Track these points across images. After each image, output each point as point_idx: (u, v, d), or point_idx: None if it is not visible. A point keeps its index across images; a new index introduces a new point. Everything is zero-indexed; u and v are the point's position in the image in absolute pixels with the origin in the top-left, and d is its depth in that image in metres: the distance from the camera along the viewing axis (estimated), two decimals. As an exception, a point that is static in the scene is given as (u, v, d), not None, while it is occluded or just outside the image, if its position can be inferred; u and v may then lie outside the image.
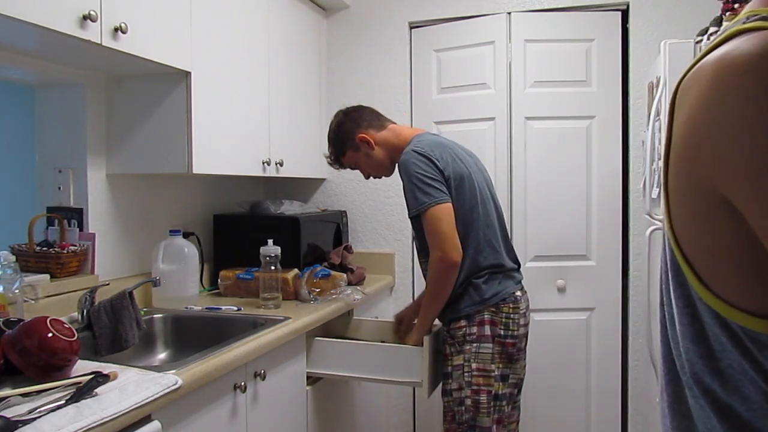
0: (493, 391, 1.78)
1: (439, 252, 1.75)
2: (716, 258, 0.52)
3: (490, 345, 1.79)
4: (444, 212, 1.76)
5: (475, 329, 1.80)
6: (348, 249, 2.66)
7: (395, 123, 2.06)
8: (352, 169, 2.10)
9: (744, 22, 0.49)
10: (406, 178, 1.80)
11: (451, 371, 1.82)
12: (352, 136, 1.99)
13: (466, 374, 1.79)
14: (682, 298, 0.55)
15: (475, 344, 1.79)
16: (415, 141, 1.89)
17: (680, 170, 0.52)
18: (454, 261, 1.75)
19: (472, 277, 1.81)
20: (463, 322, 1.81)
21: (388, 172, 2.06)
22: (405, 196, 1.84)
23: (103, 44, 1.53)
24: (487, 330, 1.79)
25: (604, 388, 2.58)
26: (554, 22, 2.58)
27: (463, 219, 1.81)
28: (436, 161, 1.79)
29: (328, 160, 2.10)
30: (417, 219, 1.81)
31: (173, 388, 1.26)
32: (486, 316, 1.80)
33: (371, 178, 2.10)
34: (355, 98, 2.88)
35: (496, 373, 1.78)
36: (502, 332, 1.80)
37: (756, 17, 0.49)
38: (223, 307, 2.06)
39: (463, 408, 1.79)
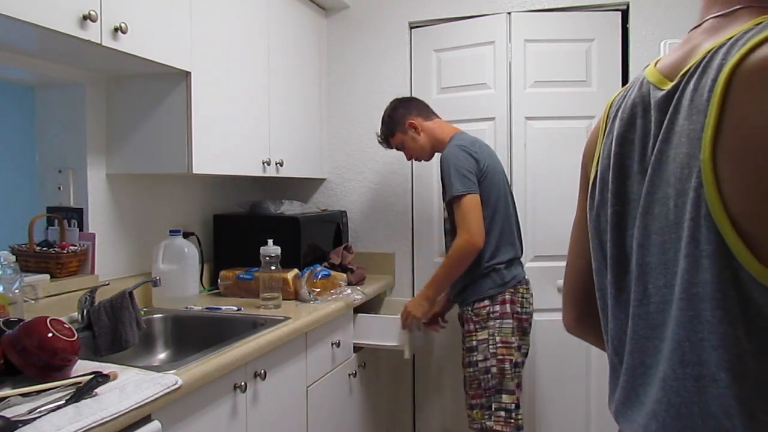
0: (514, 360, 2.08)
1: (467, 235, 2.02)
2: None
3: (511, 321, 2.09)
4: (476, 202, 2.05)
5: (498, 308, 2.10)
6: (348, 249, 2.66)
7: (440, 118, 2.35)
8: (398, 149, 2.38)
9: None
10: (447, 167, 2.08)
11: (476, 345, 2.11)
12: (402, 120, 2.29)
13: (491, 346, 2.08)
14: (723, 281, 0.58)
15: (498, 320, 2.09)
16: (457, 138, 2.19)
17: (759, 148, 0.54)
18: (478, 245, 2.03)
19: (494, 263, 2.10)
20: (486, 302, 2.11)
21: (428, 157, 2.36)
22: (443, 184, 2.13)
23: (103, 44, 1.53)
24: (508, 308, 2.10)
25: (604, 388, 2.56)
26: (554, 22, 2.58)
27: (492, 210, 2.10)
28: (475, 156, 2.09)
29: (379, 138, 2.41)
30: (451, 203, 2.09)
31: (173, 388, 1.26)
32: (507, 296, 2.10)
33: (413, 160, 2.40)
34: (355, 98, 2.89)
35: (516, 344, 2.09)
36: (519, 309, 2.11)
37: None
38: (223, 307, 2.06)
39: (489, 375, 2.08)
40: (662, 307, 0.67)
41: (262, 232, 2.24)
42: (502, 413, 2.06)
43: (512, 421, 2.06)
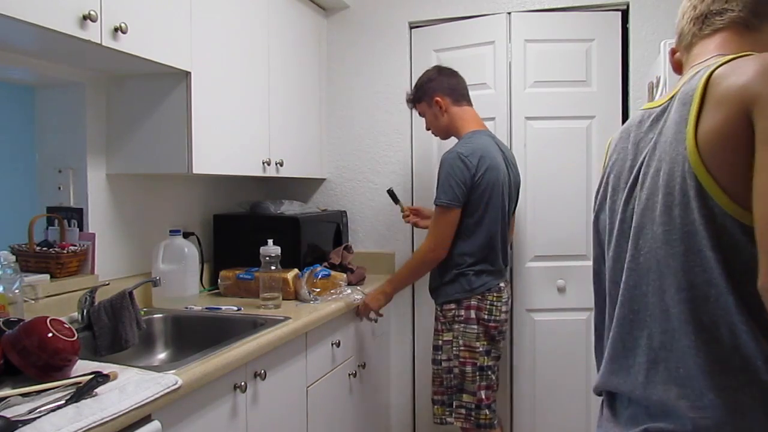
0: (479, 363, 2.11)
1: (432, 245, 2.11)
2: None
3: (476, 326, 2.11)
4: (454, 217, 2.08)
5: (462, 312, 2.12)
6: (348, 249, 2.66)
7: (471, 106, 2.30)
8: (420, 116, 2.38)
9: (743, 55, 0.83)
10: (443, 173, 2.10)
11: (441, 344, 2.17)
12: (431, 93, 2.27)
13: (454, 348, 2.13)
14: (705, 217, 0.78)
15: (462, 324, 2.12)
16: (466, 140, 2.18)
17: (729, 115, 0.77)
18: (438, 257, 2.12)
19: (464, 269, 2.12)
20: (452, 305, 2.14)
21: (442, 137, 2.37)
22: (437, 185, 2.12)
23: (103, 44, 1.53)
24: (473, 314, 2.11)
25: (604, 388, 2.57)
26: (554, 22, 2.58)
27: (477, 218, 2.11)
28: (471, 168, 2.07)
29: (407, 96, 2.39)
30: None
31: (173, 388, 1.26)
32: (473, 302, 2.11)
33: (430, 132, 2.38)
34: (355, 98, 2.89)
35: (481, 349, 2.11)
36: (486, 316, 2.11)
37: (742, 54, 0.84)
38: (223, 307, 2.06)
39: (452, 375, 2.13)
40: (651, 254, 0.86)
41: (262, 232, 2.24)
42: (463, 411, 2.11)
43: (472, 418, 2.10)
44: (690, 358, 0.79)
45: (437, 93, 2.24)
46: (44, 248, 1.83)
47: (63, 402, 1.12)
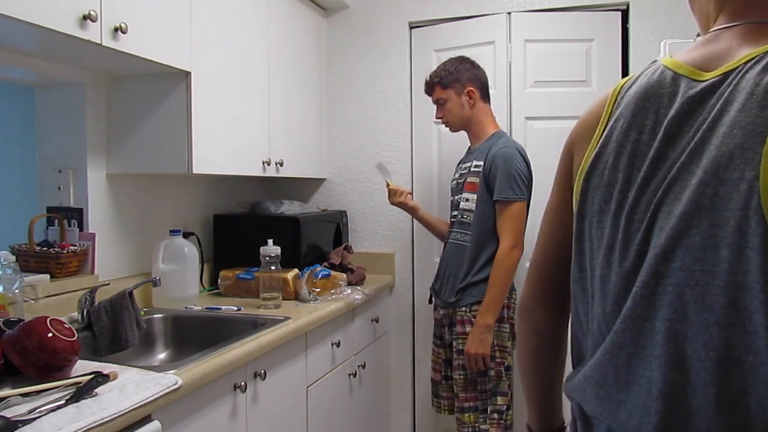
0: (506, 363, 2.08)
1: (513, 242, 2.02)
2: None
3: (507, 325, 2.08)
4: (524, 210, 2.06)
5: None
6: (348, 249, 2.66)
7: (489, 104, 2.24)
8: (436, 103, 2.24)
9: None
10: (506, 167, 2.03)
11: None
12: (465, 81, 2.16)
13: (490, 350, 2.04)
14: (764, 273, 0.59)
15: (496, 324, 2.04)
16: (505, 138, 2.17)
17: None
18: (521, 252, 2.04)
19: None
20: None
21: (456, 129, 2.26)
22: (496, 180, 2.04)
23: (103, 44, 1.53)
24: (505, 313, 2.07)
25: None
26: (554, 22, 2.58)
27: None
28: (528, 166, 2.10)
29: (427, 80, 2.24)
30: (496, 202, 2.05)
31: (173, 388, 1.27)
32: (504, 301, 2.06)
33: (441, 121, 2.27)
34: (355, 98, 2.89)
35: (510, 348, 2.09)
36: (512, 315, 2.10)
37: None
38: (223, 307, 2.06)
39: (487, 378, 2.06)
40: (676, 290, 0.66)
41: (262, 232, 2.24)
42: (496, 415, 2.06)
43: (503, 421, 2.07)
44: (705, 421, 0.65)
45: (472, 83, 2.17)
46: (44, 248, 1.83)
47: (63, 402, 1.12)
